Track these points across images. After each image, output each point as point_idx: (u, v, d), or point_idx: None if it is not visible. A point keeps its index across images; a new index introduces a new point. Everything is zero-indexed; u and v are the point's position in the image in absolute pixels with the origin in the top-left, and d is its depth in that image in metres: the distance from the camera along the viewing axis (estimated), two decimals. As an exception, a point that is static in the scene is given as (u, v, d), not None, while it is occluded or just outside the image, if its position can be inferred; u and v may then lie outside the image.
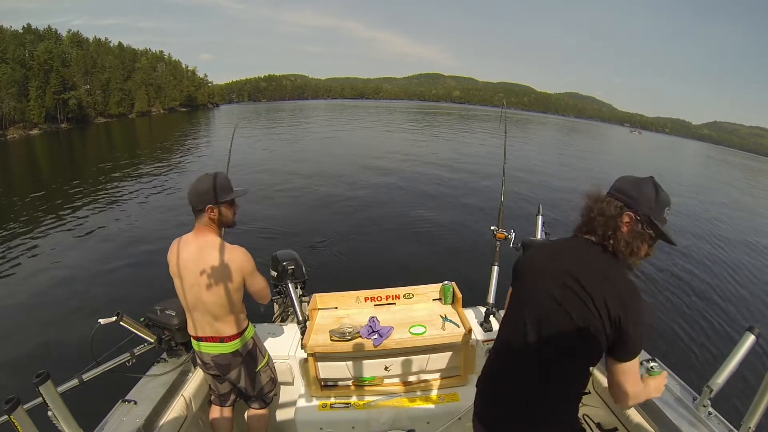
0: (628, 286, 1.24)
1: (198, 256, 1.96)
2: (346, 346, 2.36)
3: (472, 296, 2.94)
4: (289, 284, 2.78)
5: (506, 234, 2.83)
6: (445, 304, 2.76)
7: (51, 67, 62.03)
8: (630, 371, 1.27)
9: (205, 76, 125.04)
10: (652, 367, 1.83)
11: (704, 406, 1.77)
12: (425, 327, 2.47)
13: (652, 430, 1.84)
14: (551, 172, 21.86)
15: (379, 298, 2.80)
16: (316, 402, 2.46)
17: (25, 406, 1.38)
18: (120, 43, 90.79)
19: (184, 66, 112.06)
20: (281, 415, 2.70)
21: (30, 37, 63.71)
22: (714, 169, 53.35)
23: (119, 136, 45.95)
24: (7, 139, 49.02)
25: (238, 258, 2.01)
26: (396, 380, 2.54)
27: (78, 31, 77.79)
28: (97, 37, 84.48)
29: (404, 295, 2.80)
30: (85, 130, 58.02)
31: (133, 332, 2.08)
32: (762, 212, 20.38)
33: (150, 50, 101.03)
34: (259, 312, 2.98)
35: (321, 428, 2.37)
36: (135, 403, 1.92)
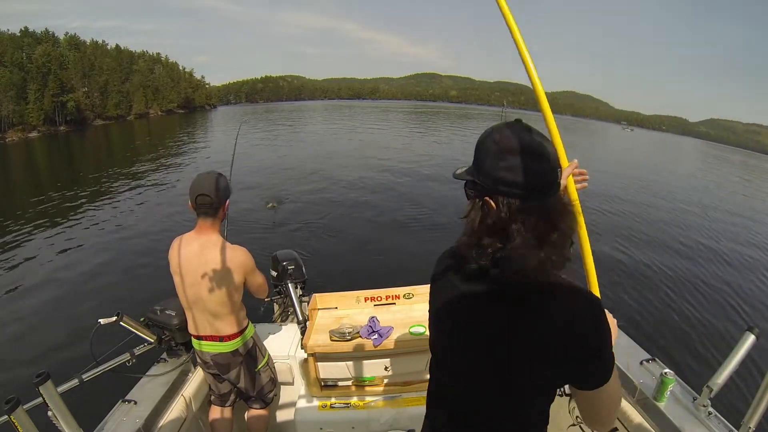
0: None
1: (200, 254, 1.98)
2: (346, 346, 2.36)
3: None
4: (289, 284, 2.76)
5: None
6: None
7: (49, 70, 62.16)
8: None
9: (202, 77, 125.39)
10: (665, 373, 1.82)
11: (704, 406, 1.76)
12: (425, 327, 2.45)
13: (652, 430, 1.83)
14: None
15: (379, 298, 2.79)
16: (316, 402, 2.46)
17: (25, 406, 1.37)
18: (117, 45, 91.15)
19: (181, 68, 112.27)
20: (281, 415, 2.69)
21: (28, 40, 63.80)
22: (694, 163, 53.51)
23: (118, 138, 45.84)
24: (6, 142, 49.05)
25: (240, 257, 2.04)
26: (396, 380, 2.53)
27: (75, 34, 77.85)
28: (95, 40, 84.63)
29: (404, 295, 2.80)
30: (83, 132, 58.02)
31: (133, 332, 2.08)
32: (758, 208, 20.42)
33: (147, 52, 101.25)
34: (259, 312, 2.98)
35: (321, 428, 2.37)
36: (135, 403, 1.91)
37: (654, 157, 46.20)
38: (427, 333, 2.40)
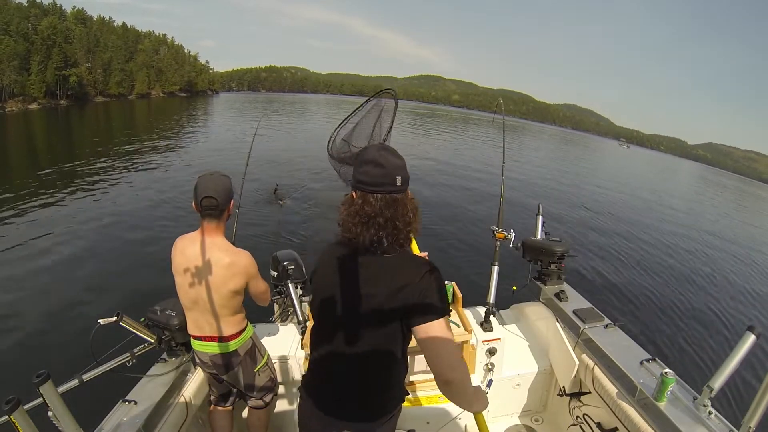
0: None
1: (203, 255, 1.96)
2: None
3: (472, 296, 2.96)
4: (289, 284, 2.78)
5: (506, 234, 2.88)
6: None
7: (54, 42, 61.42)
8: None
9: (207, 62, 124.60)
10: (666, 373, 1.83)
11: (704, 405, 1.77)
12: None
13: (652, 430, 1.83)
14: (547, 175, 22.11)
15: None
16: None
17: (25, 406, 1.36)
18: (124, 23, 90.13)
19: (186, 51, 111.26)
20: (281, 415, 2.69)
21: (34, 10, 63.07)
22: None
23: (118, 117, 45.19)
24: (6, 112, 48.55)
25: (244, 261, 2.03)
26: None
27: (83, 9, 77.05)
28: (102, 16, 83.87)
29: None
30: (84, 108, 57.40)
31: (133, 332, 2.06)
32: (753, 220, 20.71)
33: (153, 33, 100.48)
34: (259, 312, 2.96)
35: None
36: (135, 403, 1.91)
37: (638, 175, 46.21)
38: None
